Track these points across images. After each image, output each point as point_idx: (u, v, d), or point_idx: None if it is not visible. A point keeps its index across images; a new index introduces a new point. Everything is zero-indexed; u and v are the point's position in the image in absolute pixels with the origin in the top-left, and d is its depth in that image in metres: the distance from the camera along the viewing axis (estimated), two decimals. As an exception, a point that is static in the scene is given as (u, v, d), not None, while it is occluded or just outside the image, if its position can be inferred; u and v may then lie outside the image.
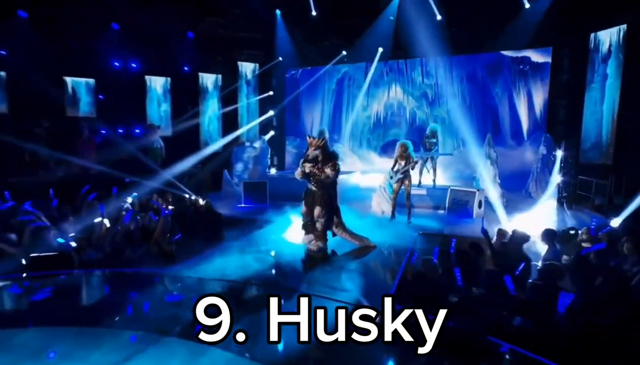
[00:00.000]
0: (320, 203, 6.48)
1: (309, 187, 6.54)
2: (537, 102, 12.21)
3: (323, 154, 6.32)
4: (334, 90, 14.46)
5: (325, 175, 6.31)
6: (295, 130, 14.85)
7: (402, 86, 13.72)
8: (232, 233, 7.63)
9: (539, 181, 10.95)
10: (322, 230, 6.64)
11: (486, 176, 10.21)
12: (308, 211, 6.63)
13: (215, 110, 14.02)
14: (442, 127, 13.30)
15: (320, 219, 6.57)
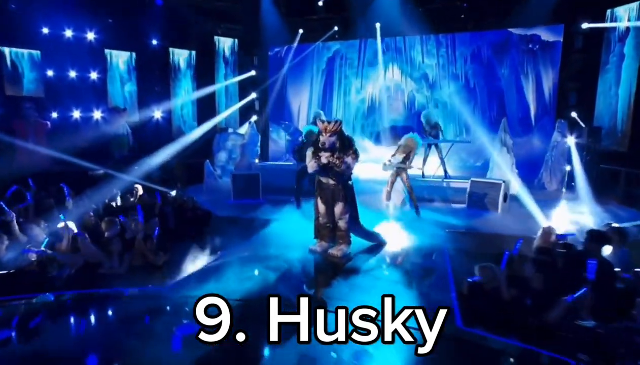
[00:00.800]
0: (341, 198, 5.70)
1: (324, 181, 5.73)
2: (546, 84, 11.85)
3: (340, 140, 5.53)
4: (324, 71, 13.58)
5: (346, 164, 5.55)
6: (280, 115, 13.85)
7: (400, 66, 13.04)
8: (229, 236, 6.73)
9: (554, 171, 10.60)
10: (346, 230, 5.88)
11: (502, 165, 9.75)
12: (327, 210, 5.81)
13: (189, 92, 12.79)
14: (443, 112, 12.87)
15: (343, 216, 5.78)
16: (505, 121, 10.02)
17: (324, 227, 5.97)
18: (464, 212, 8.38)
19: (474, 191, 8.55)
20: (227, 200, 9.17)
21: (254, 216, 7.98)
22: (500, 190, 8.13)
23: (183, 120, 13.04)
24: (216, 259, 5.71)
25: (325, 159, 5.52)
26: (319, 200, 5.87)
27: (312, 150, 5.67)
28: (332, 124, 5.46)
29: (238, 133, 11.29)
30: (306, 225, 6.85)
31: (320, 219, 5.96)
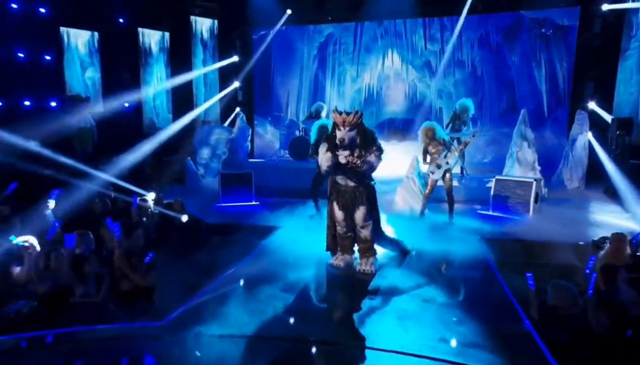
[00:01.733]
0: (363, 202, 5.01)
1: (342, 183, 5.04)
2: (560, 73, 11.48)
3: (362, 135, 4.84)
4: (316, 57, 12.81)
5: (368, 164, 4.87)
6: (266, 107, 13.02)
7: (400, 53, 12.43)
8: (226, 249, 5.92)
9: (575, 167, 10.21)
10: (371, 240, 5.17)
11: (523, 161, 9.27)
12: (345, 216, 5.09)
13: (162, 80, 11.75)
14: (448, 102, 12.35)
15: (366, 223, 5.09)
16: (524, 112, 9.53)
17: (344, 237, 5.24)
18: (490, 216, 7.86)
19: (499, 191, 8.00)
20: (215, 203, 8.54)
21: (251, 223, 7.26)
22: (532, 190, 7.61)
23: (156, 113, 12.02)
24: (216, 280, 4.84)
25: (344, 159, 4.79)
26: (335, 205, 5.14)
27: (327, 147, 4.91)
28: (351, 115, 4.73)
29: (224, 127, 10.44)
30: (317, 234, 6.08)
31: (339, 228, 5.21)
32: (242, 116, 10.00)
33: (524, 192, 7.73)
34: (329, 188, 5.32)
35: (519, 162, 9.29)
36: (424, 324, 3.88)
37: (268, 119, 12.72)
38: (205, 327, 3.75)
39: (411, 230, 6.62)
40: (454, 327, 3.82)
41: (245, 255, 5.66)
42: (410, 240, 6.04)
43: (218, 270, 5.15)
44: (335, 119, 4.84)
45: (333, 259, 5.30)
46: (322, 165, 4.96)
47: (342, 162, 4.88)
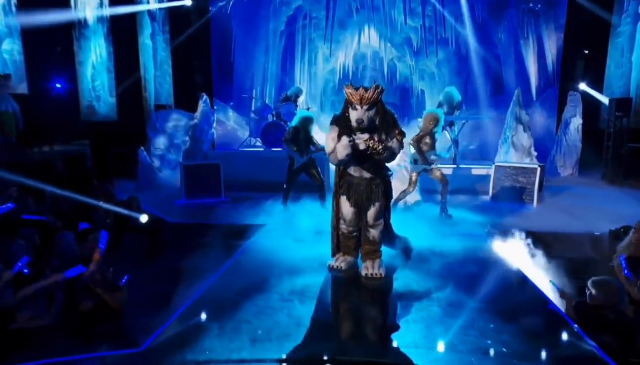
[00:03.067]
0: (379, 197, 4.60)
1: (355, 174, 4.61)
2: (549, 51, 11.59)
3: (381, 116, 4.42)
4: (283, 33, 12.30)
5: (389, 151, 4.45)
6: (227, 90, 12.39)
7: (378, 29, 12.14)
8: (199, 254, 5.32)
9: (569, 152, 10.36)
10: (379, 241, 4.81)
11: (519, 146, 9.23)
12: (356, 213, 4.67)
13: (102, 57, 10.86)
14: (431, 84, 12.25)
15: (377, 222, 4.70)
16: (519, 93, 9.48)
17: (349, 237, 4.81)
18: (491, 206, 7.77)
19: (500, 179, 7.93)
20: (176, 200, 8.07)
21: (224, 222, 6.74)
22: (536, 177, 7.58)
23: (96, 95, 11.12)
24: (196, 292, 4.29)
25: (363, 144, 4.32)
26: (344, 200, 4.69)
27: (337, 131, 4.44)
28: (370, 90, 4.27)
29: (183, 112, 9.89)
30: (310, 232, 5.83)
31: (344, 226, 4.77)
32: (206, 98, 9.41)
33: (527, 180, 7.69)
34: (337, 180, 4.81)
35: (515, 147, 9.24)
36: (457, 333, 3.54)
37: (230, 104, 12.10)
38: (194, 353, 3.23)
39: (408, 225, 6.29)
40: (494, 336, 3.51)
41: (225, 260, 5.13)
42: (409, 235, 5.64)
43: (194, 279, 4.60)
44: (349, 96, 4.34)
45: (333, 260, 4.86)
46: (338, 154, 4.42)
47: (360, 148, 4.39)
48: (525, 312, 4.17)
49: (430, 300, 4.20)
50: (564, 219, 6.83)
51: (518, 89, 9.58)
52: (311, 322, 3.73)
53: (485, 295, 4.38)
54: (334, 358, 3.21)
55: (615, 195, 8.33)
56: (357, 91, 4.27)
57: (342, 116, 4.48)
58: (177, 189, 8.37)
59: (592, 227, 6.37)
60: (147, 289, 4.53)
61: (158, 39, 11.71)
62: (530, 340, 3.50)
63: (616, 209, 7.18)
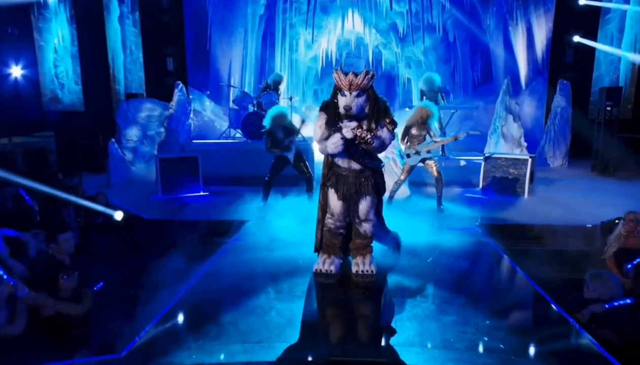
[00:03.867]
0: (370, 189, 4.58)
1: (343, 166, 4.57)
2: (538, 38, 11.74)
3: (372, 103, 4.39)
4: (263, 17, 12.20)
5: (379, 141, 4.43)
6: (203, 78, 12.20)
7: (363, 14, 12.15)
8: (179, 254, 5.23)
9: (557, 143, 10.55)
10: (371, 236, 4.81)
11: (509, 137, 9.39)
12: (344, 207, 4.65)
13: (66, 42, 10.59)
14: (418, 72, 12.31)
15: (370, 217, 4.67)
16: (508, 82, 9.62)
17: (334, 233, 4.79)
18: (481, 198, 7.89)
19: (490, 171, 8.03)
20: (151, 195, 7.96)
21: (204, 219, 6.69)
22: (527, 168, 7.71)
23: (59, 83, 10.85)
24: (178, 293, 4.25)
25: (351, 133, 4.29)
26: (332, 193, 4.65)
27: (325, 118, 4.41)
28: (361, 76, 4.23)
29: (157, 101, 9.76)
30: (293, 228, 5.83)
31: (331, 221, 4.75)
32: (182, 87, 9.28)
33: (518, 171, 7.81)
34: (324, 171, 4.78)
35: (504, 137, 9.39)
36: (452, 330, 3.58)
37: (206, 93, 11.95)
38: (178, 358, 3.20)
39: (398, 220, 6.33)
40: (491, 333, 3.56)
41: (207, 259, 5.08)
42: (398, 230, 5.67)
43: (174, 280, 4.52)
44: (338, 82, 4.29)
45: (317, 263, 4.78)
46: (328, 149, 4.39)
47: (347, 137, 4.35)
48: (521, 307, 4.29)
49: (423, 297, 4.26)
50: (555, 211, 6.97)
51: (507, 78, 9.72)
52: (301, 323, 3.72)
53: (479, 291, 4.49)
54: (328, 359, 3.22)
55: (606, 186, 8.55)
56: (346, 76, 4.23)
57: (331, 102, 4.42)
58: (152, 184, 8.27)
59: (583, 219, 6.55)
60: (123, 292, 4.48)
61: (127, 22, 11.48)
62: (527, 336, 3.57)
63: (607, 200, 7.39)
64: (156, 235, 6.00)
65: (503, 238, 5.85)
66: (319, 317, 4.04)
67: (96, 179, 8.57)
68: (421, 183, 8.21)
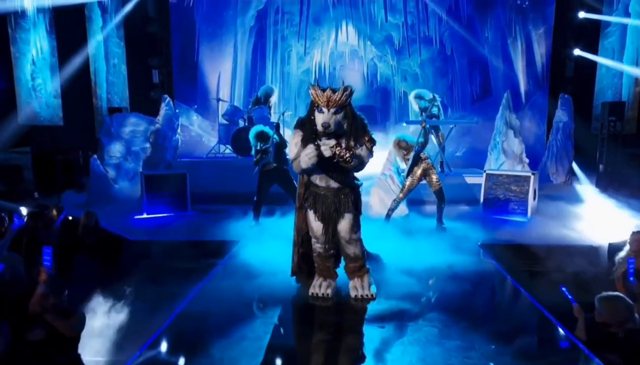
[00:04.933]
0: (349, 208, 4.65)
1: (321, 185, 4.65)
2: (538, 51, 12.00)
3: (350, 120, 4.47)
4: (253, 29, 12.42)
5: (358, 159, 4.50)
6: (190, 91, 12.36)
7: (357, 26, 12.41)
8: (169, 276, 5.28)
9: (560, 159, 10.66)
10: (362, 257, 4.85)
11: (510, 153, 9.49)
12: (325, 228, 4.69)
13: (45, 52, 10.62)
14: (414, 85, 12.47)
15: (354, 236, 4.74)
16: (508, 96, 9.75)
17: (325, 256, 4.82)
18: (482, 217, 7.94)
19: (491, 188, 8.11)
20: (135, 215, 7.99)
21: (192, 240, 6.72)
22: (530, 185, 7.77)
23: (36, 96, 10.82)
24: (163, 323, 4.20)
25: (329, 151, 4.35)
26: (311, 215, 4.71)
27: (301, 136, 4.48)
28: (339, 92, 4.31)
29: (142, 115, 9.84)
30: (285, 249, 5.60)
31: (318, 245, 4.78)
32: (169, 101, 9.34)
33: (520, 189, 7.87)
34: (300, 191, 4.87)
35: (505, 153, 9.47)
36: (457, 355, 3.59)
37: (194, 107, 12.04)
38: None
39: (395, 239, 6.43)
40: (497, 358, 3.59)
41: (195, 284, 5.05)
42: (396, 250, 5.88)
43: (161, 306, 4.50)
44: (315, 98, 4.38)
45: (313, 286, 4.81)
46: (302, 163, 4.42)
47: (326, 155, 4.42)
48: (526, 331, 4.30)
49: (425, 321, 4.26)
50: (559, 230, 7.03)
51: (507, 92, 9.84)
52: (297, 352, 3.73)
53: (482, 314, 4.53)
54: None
55: (611, 203, 8.62)
56: (324, 93, 4.30)
57: (308, 119, 4.50)
58: (136, 203, 8.27)
59: (589, 238, 6.60)
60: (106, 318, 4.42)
61: (111, 34, 11.55)
62: (534, 361, 3.61)
63: (613, 218, 7.45)
64: (141, 257, 5.97)
65: (506, 258, 5.91)
66: (317, 344, 4.02)
67: (76, 197, 8.52)
68: (419, 201, 8.24)
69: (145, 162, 9.03)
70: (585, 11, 11.13)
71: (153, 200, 7.91)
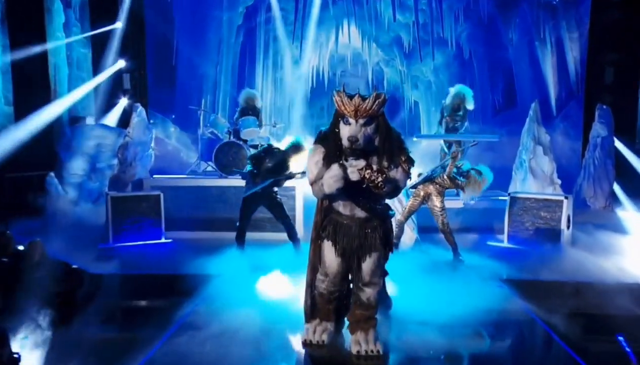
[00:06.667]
0: (376, 245, 4.49)
1: (345, 213, 4.49)
2: (571, 54, 12.11)
3: (383, 135, 4.36)
4: (241, 28, 12.66)
5: (392, 184, 4.32)
6: (167, 99, 12.55)
7: (361, 25, 12.62)
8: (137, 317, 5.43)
9: (599, 180, 10.64)
10: (375, 305, 4.69)
11: (539, 173, 9.51)
12: (342, 265, 4.57)
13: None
14: (427, 94, 12.61)
15: (375, 279, 4.58)
16: (536, 107, 9.80)
17: (329, 299, 4.70)
18: (506, 249, 7.95)
19: (517, 214, 8.11)
20: (99, 243, 8.02)
21: (166, 273, 6.71)
22: (562, 211, 7.76)
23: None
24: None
25: (357, 174, 4.20)
26: (328, 247, 4.55)
27: (323, 153, 4.36)
28: (369, 100, 4.22)
29: (109, 126, 10.01)
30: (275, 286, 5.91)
31: (325, 284, 4.66)
32: (141, 110, 9.44)
33: (551, 215, 7.85)
34: (318, 218, 4.71)
35: (533, 173, 9.51)
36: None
37: (171, 117, 12.15)
38: None
39: (401, 276, 6.20)
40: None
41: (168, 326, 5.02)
42: (403, 291, 5.82)
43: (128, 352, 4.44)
44: (341, 107, 4.27)
45: (306, 332, 4.69)
46: (326, 187, 4.23)
47: (353, 179, 4.27)
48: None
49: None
50: (599, 264, 6.94)
51: (535, 102, 9.91)
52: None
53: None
54: None
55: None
56: (351, 100, 4.21)
57: (331, 133, 4.37)
58: (101, 229, 8.25)
59: (635, 275, 6.54)
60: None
61: (74, 31, 11.64)
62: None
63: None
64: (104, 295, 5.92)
65: (535, 298, 5.86)
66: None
67: (29, 223, 8.39)
68: (432, 228, 8.19)
69: (112, 181, 9.04)
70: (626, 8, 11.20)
71: (121, 227, 7.97)
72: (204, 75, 12.54)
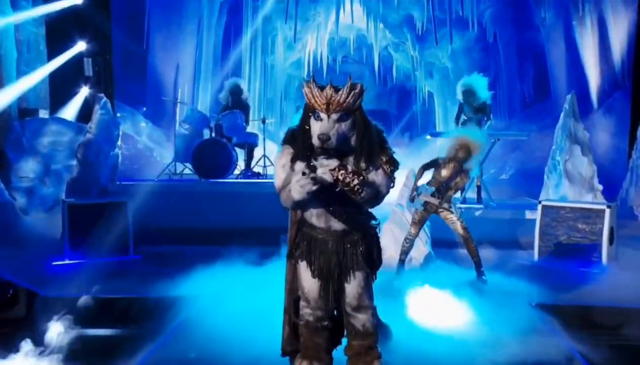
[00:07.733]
0: (358, 263, 4.39)
1: (318, 226, 4.45)
2: (616, 37, 12.12)
3: (362, 132, 4.36)
4: (224, 5, 12.70)
5: (372, 189, 4.30)
6: (137, 89, 12.70)
7: (365, 3, 12.63)
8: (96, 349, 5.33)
9: (648, 186, 10.74)
10: (374, 332, 4.54)
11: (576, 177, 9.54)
12: (323, 289, 4.51)
13: None
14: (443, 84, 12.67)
15: (365, 304, 4.47)
16: (573, 99, 9.84)
17: (315, 328, 4.62)
18: (537, 267, 8.00)
19: (549, 226, 8.14)
20: (53, 258, 8.10)
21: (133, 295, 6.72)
22: (605, 223, 7.75)
23: None
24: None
25: (329, 175, 4.18)
26: (303, 268, 4.52)
27: (292, 154, 4.33)
28: (344, 90, 4.20)
29: (66, 120, 10.15)
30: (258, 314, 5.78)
31: (308, 311, 4.59)
32: (105, 101, 9.49)
33: (591, 227, 7.86)
34: (292, 233, 4.72)
35: (569, 177, 9.57)
36: None
37: (142, 110, 12.24)
38: None
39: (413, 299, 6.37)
40: None
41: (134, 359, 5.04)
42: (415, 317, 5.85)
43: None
44: (311, 99, 4.26)
45: None
46: (293, 193, 4.25)
47: (326, 180, 4.24)
48: None
49: None
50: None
51: (571, 94, 9.97)
52: None
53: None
54: None
55: None
56: (322, 91, 4.21)
57: (301, 130, 4.38)
58: (55, 243, 8.32)
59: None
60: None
61: (24, 6, 11.64)
62: None
63: None
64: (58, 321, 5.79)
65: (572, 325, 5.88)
66: None
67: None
68: (449, 242, 8.22)
69: (70, 185, 9.05)
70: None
71: (79, 240, 7.98)
72: (181, 61, 12.62)
